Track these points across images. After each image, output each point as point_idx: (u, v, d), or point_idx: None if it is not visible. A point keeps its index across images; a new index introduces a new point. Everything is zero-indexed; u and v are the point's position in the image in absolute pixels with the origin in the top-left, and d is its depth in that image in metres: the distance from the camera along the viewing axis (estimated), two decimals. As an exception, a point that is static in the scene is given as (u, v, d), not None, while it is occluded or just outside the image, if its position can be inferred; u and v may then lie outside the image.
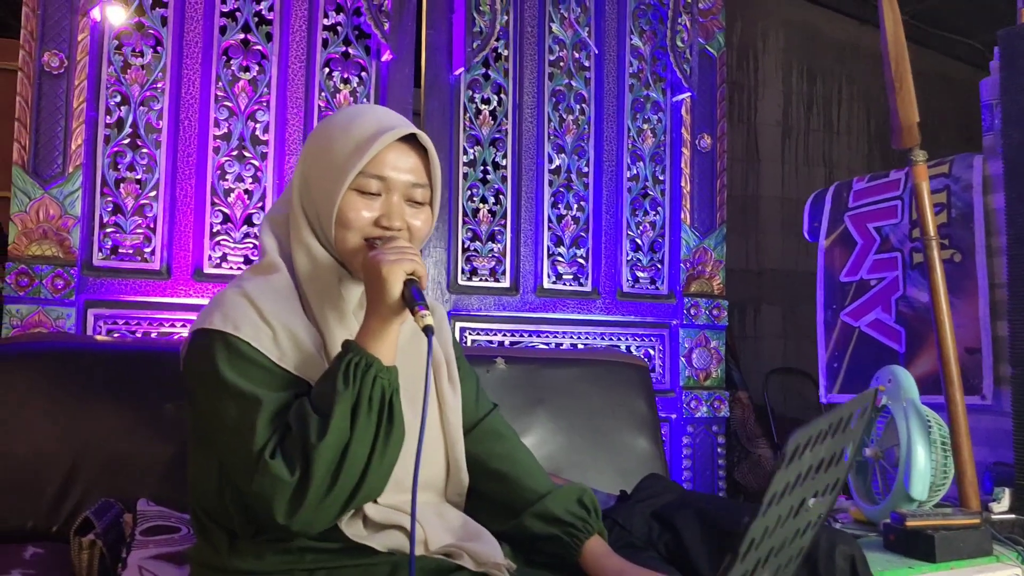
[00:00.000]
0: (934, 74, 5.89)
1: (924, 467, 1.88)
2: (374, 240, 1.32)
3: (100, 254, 2.36)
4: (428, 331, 1.21)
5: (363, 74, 2.62)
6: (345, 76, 2.60)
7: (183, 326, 2.39)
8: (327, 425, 1.17)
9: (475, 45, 2.67)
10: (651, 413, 2.28)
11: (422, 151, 1.36)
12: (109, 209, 2.37)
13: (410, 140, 1.35)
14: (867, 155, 5.69)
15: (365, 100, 2.62)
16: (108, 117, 2.38)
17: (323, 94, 2.57)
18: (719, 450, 2.88)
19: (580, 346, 2.80)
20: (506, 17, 2.75)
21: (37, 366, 1.88)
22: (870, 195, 2.48)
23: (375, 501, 1.31)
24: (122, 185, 2.38)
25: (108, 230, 2.37)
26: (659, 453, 2.25)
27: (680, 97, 2.96)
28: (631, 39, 2.95)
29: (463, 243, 2.71)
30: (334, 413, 1.17)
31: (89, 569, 1.62)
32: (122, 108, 2.39)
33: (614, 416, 2.21)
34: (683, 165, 2.95)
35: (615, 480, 1.49)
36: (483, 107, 2.77)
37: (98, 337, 2.28)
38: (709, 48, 3.00)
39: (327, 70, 2.58)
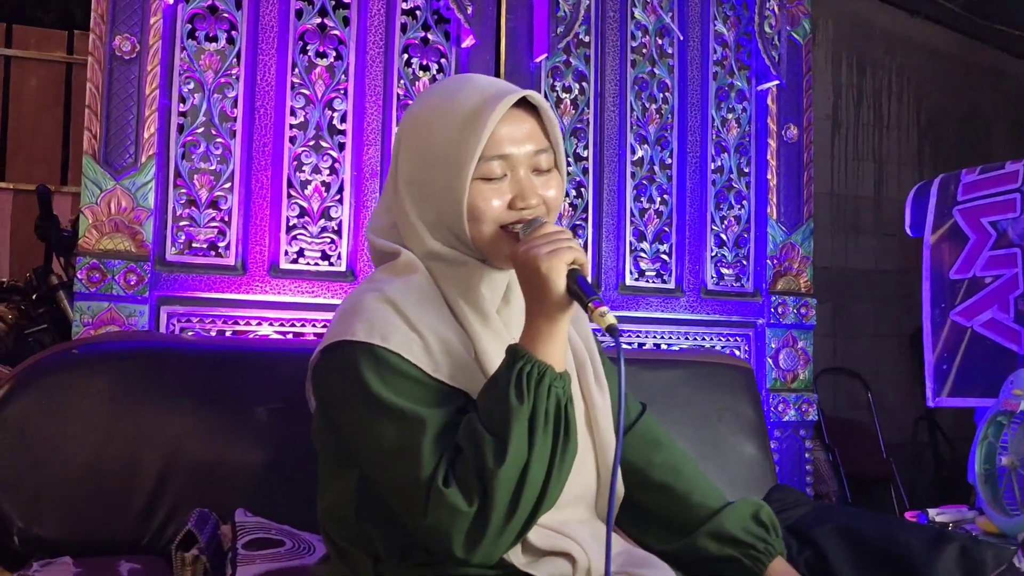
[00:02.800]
0: (986, 68, 5.76)
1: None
2: (512, 225, 1.19)
3: (173, 248, 2.24)
4: (613, 332, 1.08)
5: (443, 60, 2.50)
6: (424, 63, 2.48)
7: (258, 324, 2.27)
8: (505, 447, 1.04)
9: (558, 31, 2.54)
10: (759, 418, 2.15)
11: (533, 111, 1.22)
12: (182, 201, 2.26)
13: (519, 102, 1.20)
14: (917, 150, 5.55)
15: (445, 88, 2.49)
16: (181, 105, 2.26)
17: (402, 81, 2.45)
18: (807, 455, 2.76)
19: (663, 347, 2.67)
20: (588, 1, 2.63)
21: (123, 367, 1.77)
22: (983, 188, 2.36)
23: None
24: (196, 176, 2.26)
25: (182, 223, 2.25)
26: (769, 461, 2.12)
27: (766, 86, 2.83)
28: (715, 25, 2.83)
29: (544, 238, 2.58)
30: (512, 433, 1.05)
31: (193, 586, 1.51)
32: (195, 95, 2.27)
33: (720, 421, 2.09)
34: (769, 157, 2.83)
35: (725, 491, 1.38)
36: (564, 96, 2.64)
37: (186, 335, 2.17)
38: (795, 35, 2.87)
39: (405, 56, 2.46)
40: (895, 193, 5.39)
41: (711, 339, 2.74)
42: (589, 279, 1.13)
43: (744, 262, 2.82)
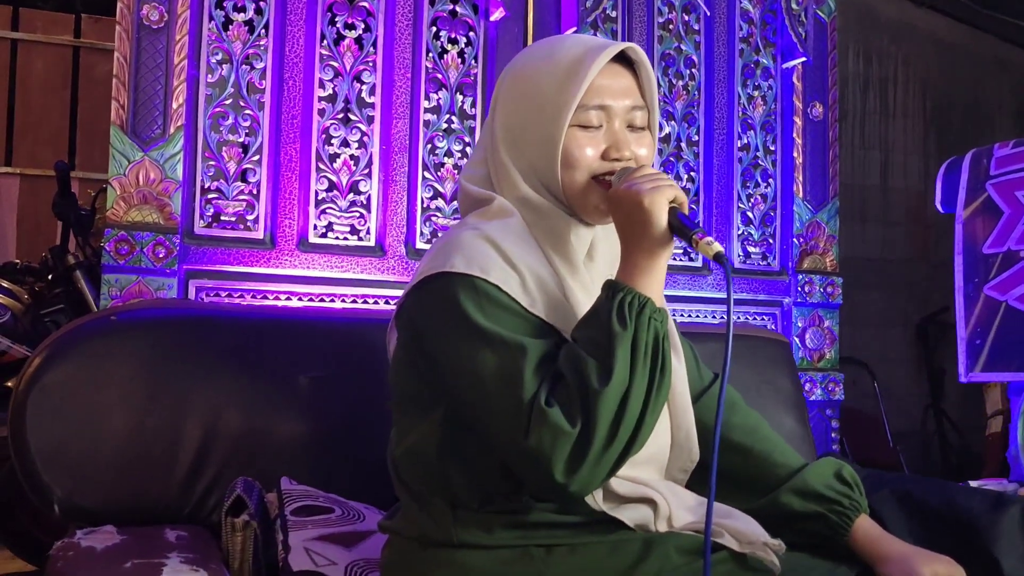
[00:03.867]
0: (990, 58, 5.77)
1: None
2: (603, 176, 1.19)
3: (201, 221, 2.21)
4: (720, 259, 1.07)
5: (471, 34, 2.47)
6: (452, 35, 2.45)
7: (287, 298, 2.24)
8: (610, 369, 1.04)
9: (587, 4, 2.52)
10: (796, 392, 2.13)
11: (633, 71, 1.23)
12: (211, 174, 2.22)
13: (619, 59, 1.22)
14: (923, 138, 5.55)
15: (474, 61, 2.46)
16: (209, 76, 2.23)
17: (430, 55, 2.42)
18: (833, 435, 2.74)
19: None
20: (616, -25, 2.61)
21: (163, 334, 1.73)
22: (1017, 161, 2.34)
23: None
24: (224, 148, 2.23)
25: (210, 196, 2.22)
26: (807, 434, 2.10)
27: (792, 64, 2.81)
28: (740, 2, 2.81)
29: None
30: (616, 356, 1.04)
31: (243, 552, 1.48)
32: (223, 67, 2.24)
33: (759, 395, 2.06)
34: (795, 135, 2.81)
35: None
36: (592, 71, 2.61)
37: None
38: (820, 13, 2.86)
39: (434, 29, 2.43)
40: (901, 182, 5.39)
41: (738, 318, 2.72)
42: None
43: (770, 240, 2.80)
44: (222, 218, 2.22)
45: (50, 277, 2.89)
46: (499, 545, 1.15)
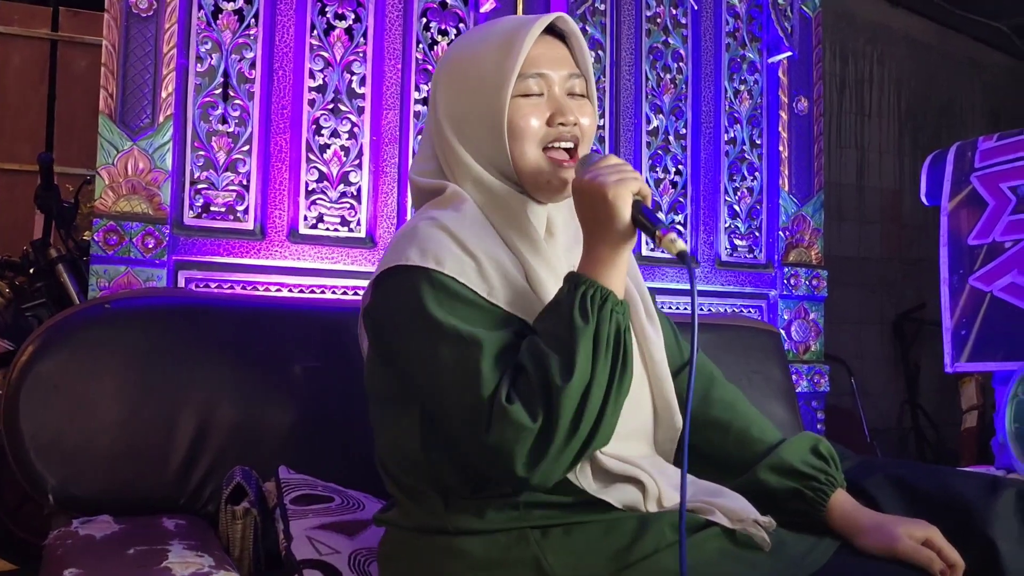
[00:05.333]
0: (962, 58, 5.84)
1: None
2: (552, 144, 1.21)
3: (190, 212, 2.19)
4: (683, 258, 1.07)
5: (461, 25, 2.46)
6: (443, 27, 2.44)
7: (277, 289, 2.22)
8: (572, 364, 1.04)
9: (575, -3, 2.52)
10: (787, 381, 2.15)
11: (564, 42, 1.27)
12: (200, 164, 2.20)
13: (551, 32, 1.25)
14: (898, 138, 5.61)
15: (464, 53, 2.46)
16: (199, 65, 2.20)
17: (420, 46, 2.41)
18: (819, 427, 2.77)
19: (678, 317, 2.66)
20: (604, -31, 2.61)
21: (157, 322, 1.72)
22: (1001, 154, 2.37)
23: (601, 452, 1.17)
24: (213, 138, 2.21)
25: (200, 186, 2.20)
26: (798, 424, 2.12)
27: (777, 58, 2.83)
28: (727, -4, 2.83)
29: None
30: (578, 351, 1.04)
31: (243, 540, 1.47)
32: (213, 56, 2.22)
33: (750, 384, 2.08)
34: (780, 129, 2.83)
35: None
36: (580, 64, 2.62)
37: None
38: (805, 8, 2.88)
39: (424, 20, 2.43)
40: (876, 181, 5.45)
41: (725, 310, 2.74)
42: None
43: (757, 233, 2.82)
44: (212, 209, 2.20)
45: (32, 271, 2.84)
46: (494, 529, 1.15)
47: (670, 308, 2.65)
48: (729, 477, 1.32)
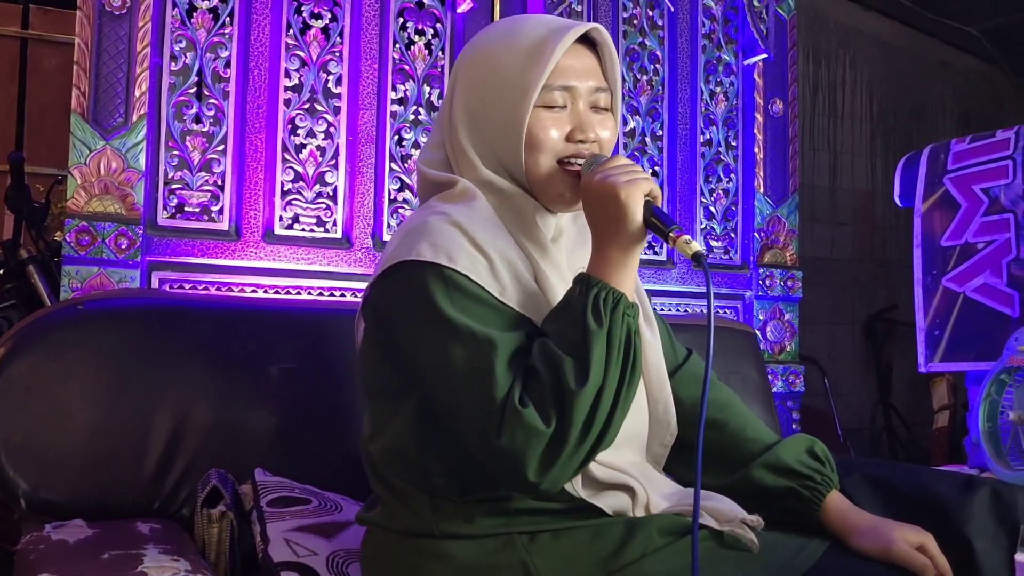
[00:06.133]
0: (933, 60, 5.90)
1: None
2: (568, 159, 1.18)
3: (164, 212, 2.16)
4: (699, 259, 1.07)
5: (438, 25, 2.46)
6: (419, 27, 2.43)
7: (252, 290, 2.20)
8: (587, 369, 1.02)
9: (553, -1, 2.52)
10: (764, 381, 2.16)
11: (595, 52, 1.22)
12: (174, 164, 2.18)
13: (582, 41, 1.21)
14: (870, 140, 5.65)
15: (441, 53, 2.45)
16: (173, 64, 2.18)
17: (397, 46, 2.40)
18: (795, 427, 2.78)
19: (655, 318, 2.66)
20: (581, -30, 2.61)
21: (132, 324, 1.70)
22: (974, 156, 2.40)
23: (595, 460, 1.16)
24: (188, 138, 2.19)
25: (174, 186, 2.17)
26: (775, 424, 2.14)
27: (753, 60, 2.84)
28: (703, -2, 2.84)
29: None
30: (592, 355, 1.03)
31: (219, 543, 1.45)
32: (187, 54, 2.19)
33: (728, 384, 2.06)
34: (756, 131, 2.84)
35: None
36: (557, 65, 2.62)
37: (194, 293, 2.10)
38: (780, 11, 2.90)
39: (401, 20, 2.41)
40: (849, 183, 5.49)
41: (701, 311, 2.74)
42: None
43: (732, 235, 2.83)
44: (186, 209, 2.18)
45: (2, 272, 2.80)
46: (482, 534, 1.14)
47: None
48: (723, 476, 1.32)
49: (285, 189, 2.27)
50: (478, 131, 1.22)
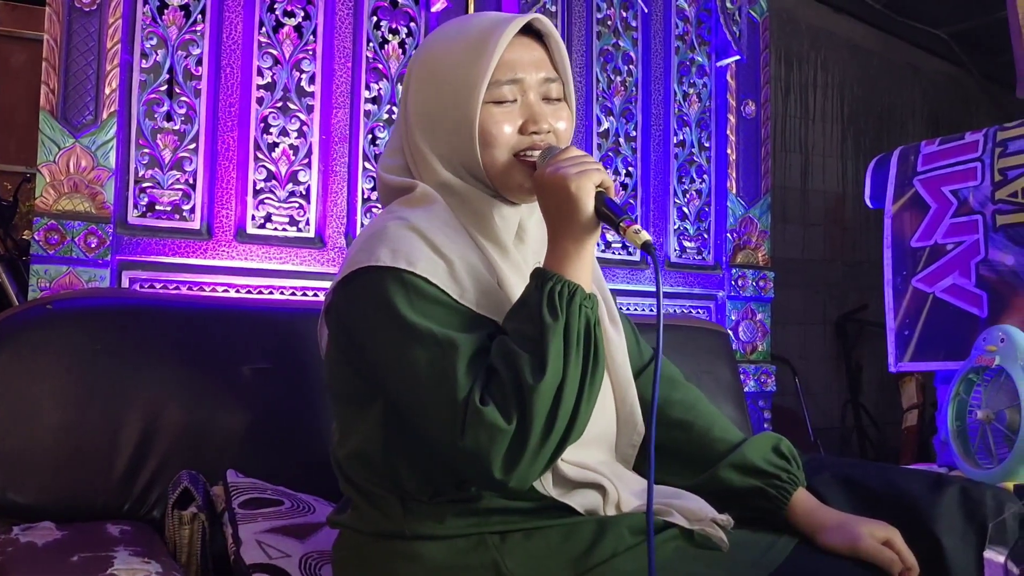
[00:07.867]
0: (903, 63, 5.95)
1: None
2: (524, 152, 1.18)
3: (135, 211, 2.15)
4: (648, 249, 1.06)
5: (412, 24, 2.45)
6: (393, 26, 2.43)
7: (224, 290, 2.19)
8: (543, 363, 1.02)
9: (526, -1, 2.52)
10: (736, 381, 2.17)
11: (543, 43, 1.22)
12: (145, 162, 2.16)
13: (528, 31, 1.20)
14: (841, 142, 5.70)
15: (415, 52, 2.44)
16: (144, 61, 2.16)
17: (371, 44, 2.39)
18: (766, 426, 2.80)
19: (628, 318, 2.68)
20: (555, -30, 2.62)
21: (101, 324, 1.67)
22: (943, 158, 2.42)
23: (562, 459, 1.16)
24: (159, 136, 2.17)
25: (144, 185, 2.15)
26: (747, 423, 2.14)
27: (726, 62, 2.86)
28: (677, 0, 2.85)
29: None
30: (549, 349, 1.02)
31: (190, 545, 1.44)
32: (158, 52, 2.18)
33: (700, 384, 2.07)
34: (728, 132, 2.86)
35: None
36: (531, 65, 2.62)
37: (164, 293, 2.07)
38: (752, 13, 2.92)
39: (375, 19, 2.41)
40: (820, 184, 5.53)
41: (674, 311, 2.76)
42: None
43: (705, 235, 2.85)
44: (157, 208, 2.16)
45: (-33, 271, 2.77)
46: (453, 535, 1.14)
47: (623, 310, 2.66)
48: (691, 476, 1.32)
49: (257, 188, 2.25)
50: (433, 132, 1.21)
